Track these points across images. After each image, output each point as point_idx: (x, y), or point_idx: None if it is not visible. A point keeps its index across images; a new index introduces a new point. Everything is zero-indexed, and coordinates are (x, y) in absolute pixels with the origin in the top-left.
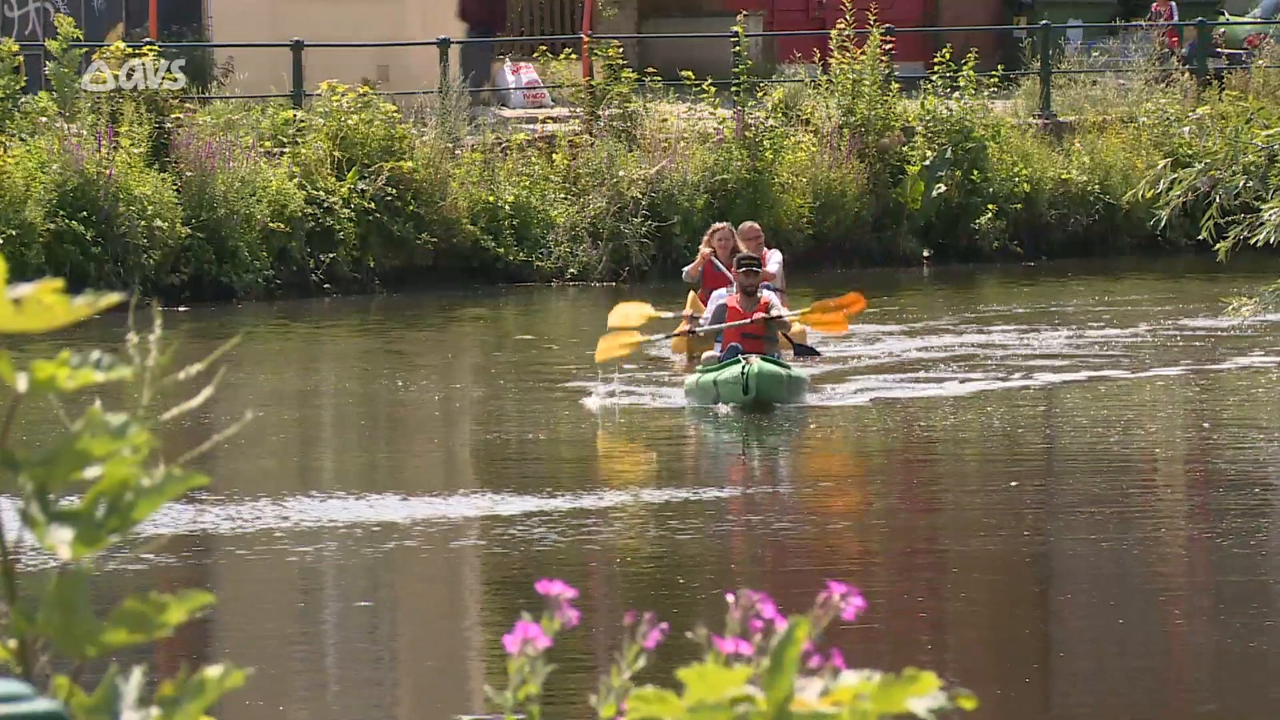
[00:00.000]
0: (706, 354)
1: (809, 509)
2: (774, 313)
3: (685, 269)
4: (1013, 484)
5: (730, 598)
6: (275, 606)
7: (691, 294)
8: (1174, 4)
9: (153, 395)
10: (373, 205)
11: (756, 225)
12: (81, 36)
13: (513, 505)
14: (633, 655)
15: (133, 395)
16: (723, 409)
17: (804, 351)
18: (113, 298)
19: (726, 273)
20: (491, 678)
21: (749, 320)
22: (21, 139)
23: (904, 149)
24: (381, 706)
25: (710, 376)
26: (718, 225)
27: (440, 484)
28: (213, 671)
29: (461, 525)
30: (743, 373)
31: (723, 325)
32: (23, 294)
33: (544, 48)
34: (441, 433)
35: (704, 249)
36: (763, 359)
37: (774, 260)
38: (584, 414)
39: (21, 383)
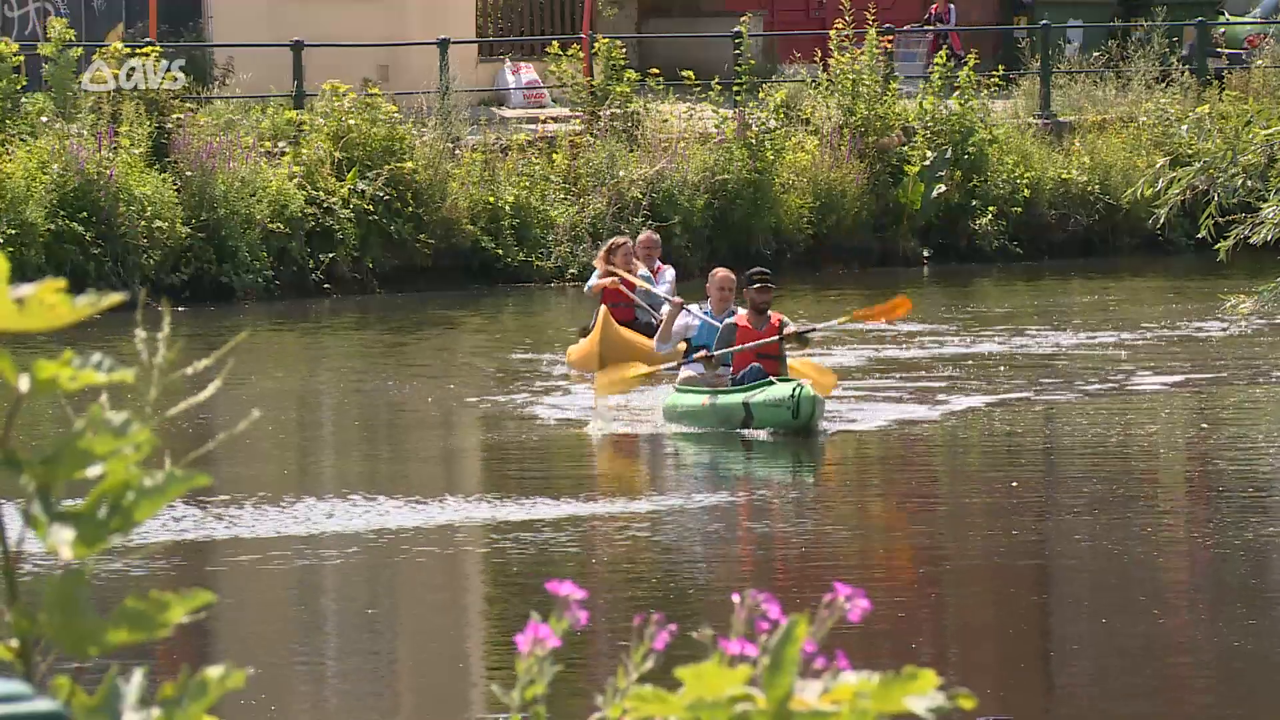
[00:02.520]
0: (685, 374)
1: (811, 511)
2: (795, 329)
3: (589, 284)
4: (1013, 484)
5: (736, 599)
6: (275, 607)
7: (603, 309)
8: (952, 5)
9: (159, 393)
10: (370, 207)
11: (656, 236)
12: (75, 38)
13: (512, 507)
14: (640, 656)
15: (140, 393)
16: (758, 434)
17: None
18: (115, 298)
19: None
20: (493, 679)
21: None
22: (22, 139)
23: (904, 149)
24: (382, 707)
25: (737, 399)
26: (617, 240)
27: (439, 485)
28: (214, 672)
29: (461, 527)
30: (793, 396)
31: (741, 347)
32: (25, 294)
33: (556, 45)
34: (441, 434)
35: (604, 266)
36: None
37: (666, 276)
38: (582, 416)
39: (23, 383)
